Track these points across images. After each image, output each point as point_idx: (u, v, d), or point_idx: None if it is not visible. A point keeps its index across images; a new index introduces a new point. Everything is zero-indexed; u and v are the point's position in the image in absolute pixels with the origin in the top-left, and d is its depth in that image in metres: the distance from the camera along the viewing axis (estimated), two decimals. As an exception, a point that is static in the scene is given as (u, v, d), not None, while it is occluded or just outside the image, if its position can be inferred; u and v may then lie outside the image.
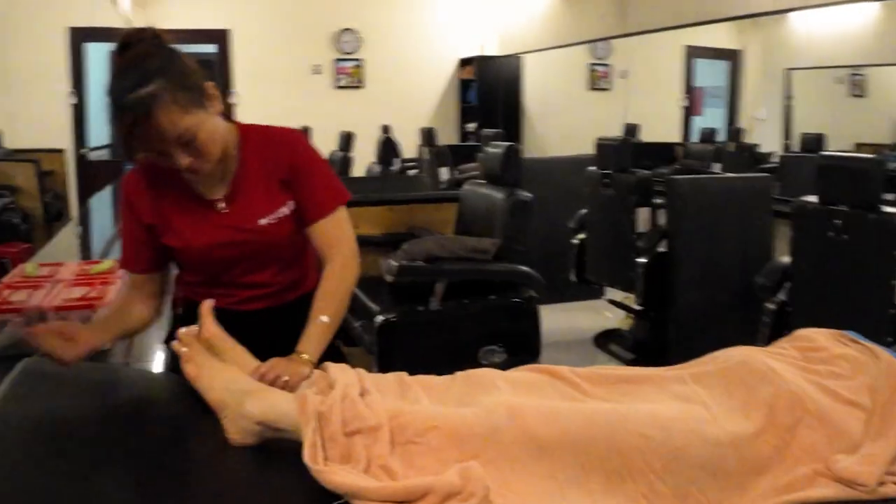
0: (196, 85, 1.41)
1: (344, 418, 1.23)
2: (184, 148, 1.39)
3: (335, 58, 7.89)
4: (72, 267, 2.41)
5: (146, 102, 1.32)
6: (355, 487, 1.11)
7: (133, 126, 1.33)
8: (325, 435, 1.21)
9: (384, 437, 1.21)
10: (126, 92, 1.32)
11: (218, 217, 1.55)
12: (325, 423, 1.23)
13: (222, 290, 1.60)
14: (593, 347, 4.31)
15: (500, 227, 2.93)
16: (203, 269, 1.62)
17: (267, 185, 1.57)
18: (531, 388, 1.38)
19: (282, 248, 1.62)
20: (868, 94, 4.85)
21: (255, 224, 1.55)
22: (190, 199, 1.55)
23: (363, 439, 1.21)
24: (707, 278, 3.58)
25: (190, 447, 1.34)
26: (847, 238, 2.60)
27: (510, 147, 3.07)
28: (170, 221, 1.55)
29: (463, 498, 1.09)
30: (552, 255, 4.40)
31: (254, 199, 1.56)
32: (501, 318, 2.89)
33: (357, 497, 1.11)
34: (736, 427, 1.29)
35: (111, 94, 1.35)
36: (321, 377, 1.40)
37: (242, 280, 1.63)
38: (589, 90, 7.35)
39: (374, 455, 1.19)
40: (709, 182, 3.90)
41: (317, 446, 1.19)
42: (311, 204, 1.58)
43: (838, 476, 1.23)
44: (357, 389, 1.31)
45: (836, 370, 1.44)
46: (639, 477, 1.21)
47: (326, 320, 1.53)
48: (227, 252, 1.57)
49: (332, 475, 1.13)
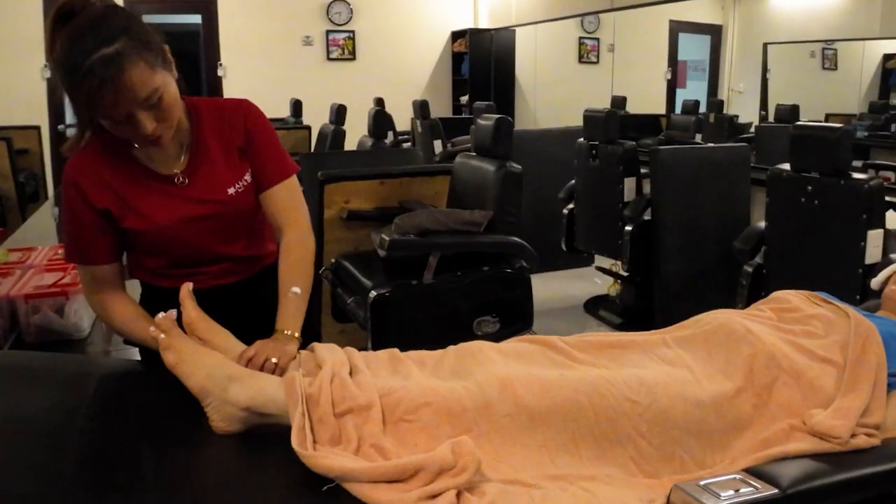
0: (158, 45, 1.32)
1: (333, 399, 1.21)
2: (150, 111, 1.30)
3: (326, 29, 7.70)
4: (44, 252, 2.27)
5: (116, 61, 1.22)
6: (345, 469, 1.09)
7: (100, 89, 1.22)
8: (314, 417, 1.19)
9: (376, 415, 1.20)
10: (90, 53, 1.21)
11: (179, 191, 1.46)
12: (314, 406, 1.20)
13: (188, 271, 1.50)
14: (583, 313, 4.37)
15: (492, 199, 2.91)
16: (168, 251, 1.51)
17: (227, 154, 1.50)
18: (521, 358, 1.39)
19: (249, 217, 1.55)
20: (838, 67, 4.93)
21: (225, 194, 1.49)
22: (145, 176, 1.45)
23: (354, 419, 1.20)
24: (689, 244, 3.64)
25: (172, 438, 1.26)
26: (818, 203, 2.65)
27: (501, 119, 3.03)
28: (128, 203, 1.43)
29: (455, 473, 1.08)
30: (543, 226, 4.44)
31: (217, 170, 1.49)
32: (494, 289, 2.84)
33: (348, 479, 1.09)
34: (717, 387, 1.34)
35: (69, 60, 1.23)
36: (309, 358, 1.36)
37: (210, 257, 1.54)
38: (578, 63, 7.30)
39: (365, 434, 1.18)
40: (690, 152, 3.92)
41: (305, 430, 1.16)
42: (268, 170, 1.53)
43: (813, 430, 1.29)
44: (346, 368, 1.29)
45: (810, 329, 1.51)
46: (626, 441, 1.25)
47: (299, 291, 1.48)
48: (195, 227, 1.48)
49: (322, 459, 1.11)
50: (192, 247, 1.50)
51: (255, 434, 1.25)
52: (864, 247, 2.49)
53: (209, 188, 1.48)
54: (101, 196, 1.42)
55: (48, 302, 1.88)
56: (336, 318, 3.20)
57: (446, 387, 1.26)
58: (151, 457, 1.20)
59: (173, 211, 1.45)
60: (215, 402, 1.25)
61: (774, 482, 1.17)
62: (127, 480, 1.11)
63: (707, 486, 1.15)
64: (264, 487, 1.13)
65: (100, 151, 1.42)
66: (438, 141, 5.86)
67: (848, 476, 1.23)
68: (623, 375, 1.32)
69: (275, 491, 1.13)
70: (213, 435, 1.25)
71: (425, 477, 1.09)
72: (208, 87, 7.41)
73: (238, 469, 1.23)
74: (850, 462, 1.26)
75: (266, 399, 1.24)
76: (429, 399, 1.22)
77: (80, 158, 1.42)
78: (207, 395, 1.26)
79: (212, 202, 1.48)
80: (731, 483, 1.17)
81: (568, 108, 5.92)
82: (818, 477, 1.20)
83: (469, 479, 1.09)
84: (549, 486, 1.16)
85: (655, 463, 1.26)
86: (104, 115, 1.28)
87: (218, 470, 1.24)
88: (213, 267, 1.55)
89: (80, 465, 1.17)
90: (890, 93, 4.51)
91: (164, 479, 1.14)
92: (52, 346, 1.87)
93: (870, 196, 2.50)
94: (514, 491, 1.13)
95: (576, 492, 1.16)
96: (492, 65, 7.83)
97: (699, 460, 1.29)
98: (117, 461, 1.16)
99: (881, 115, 4.49)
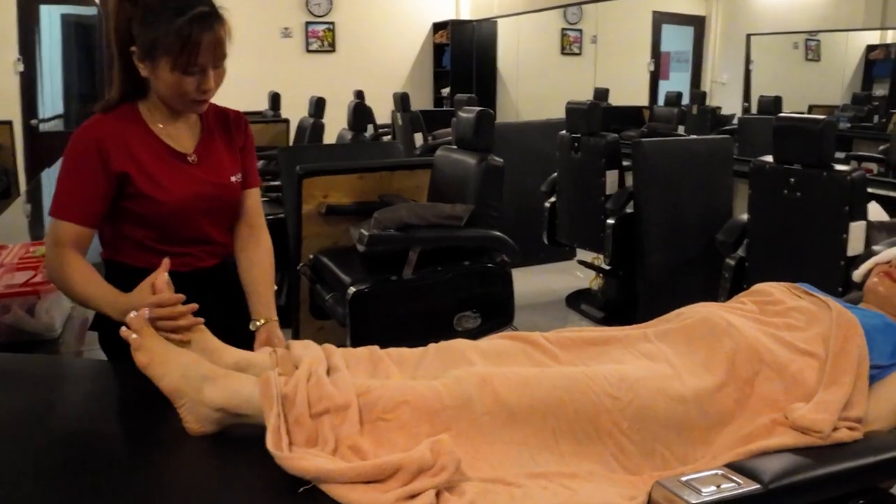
0: None
1: (310, 399, 1.19)
2: (215, 71, 1.49)
3: (306, 20, 7.66)
4: (15, 250, 2.23)
5: (217, 15, 1.46)
6: (322, 471, 1.08)
7: (203, 31, 1.42)
8: (290, 418, 1.17)
9: (353, 415, 1.18)
10: (196, 3, 1.43)
11: (191, 169, 1.58)
12: (290, 406, 1.18)
13: (175, 249, 1.57)
14: (565, 308, 4.37)
15: (473, 192, 2.90)
16: (167, 224, 1.57)
17: (230, 149, 1.67)
18: (502, 357, 1.39)
19: (238, 208, 1.70)
20: (821, 59, 4.95)
21: (228, 180, 1.63)
22: (164, 151, 1.56)
23: (331, 419, 1.18)
24: (672, 237, 3.64)
25: (146, 440, 1.25)
26: (800, 195, 2.66)
27: (482, 112, 3.01)
28: (147, 171, 1.52)
29: (434, 472, 1.08)
30: (525, 219, 4.44)
31: (223, 159, 1.64)
32: (475, 284, 2.83)
33: (325, 480, 1.08)
34: (699, 382, 1.34)
35: (178, 1, 1.42)
36: (285, 356, 1.35)
37: (199, 236, 1.63)
38: (561, 55, 7.31)
39: (342, 435, 1.17)
40: (673, 144, 3.93)
41: (281, 431, 1.14)
42: (251, 174, 1.73)
43: (795, 424, 1.29)
44: (324, 367, 1.27)
45: (792, 322, 1.51)
46: (607, 438, 1.25)
47: (275, 288, 1.67)
48: (200, 205, 1.59)
49: (298, 461, 1.09)
50: (191, 224, 1.59)
51: (231, 435, 1.24)
52: (846, 238, 2.50)
53: (216, 172, 1.62)
54: (124, 161, 1.50)
55: (18, 301, 1.84)
56: (314, 315, 3.17)
57: (425, 384, 1.25)
58: (125, 459, 1.19)
59: (187, 186, 1.56)
60: (189, 403, 1.23)
61: (756, 477, 1.17)
62: (100, 484, 1.09)
63: (688, 482, 1.16)
64: (240, 489, 1.12)
65: (124, 120, 1.53)
66: (419, 134, 5.84)
67: (830, 470, 1.23)
68: (604, 371, 1.32)
69: (251, 493, 1.12)
70: (187, 436, 1.23)
71: (404, 477, 1.08)
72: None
73: (213, 471, 1.21)
74: (832, 456, 1.26)
75: (241, 400, 1.22)
76: (407, 397, 1.21)
77: (104, 123, 1.52)
78: (181, 396, 1.24)
79: (218, 185, 1.61)
80: (712, 479, 1.17)
81: (550, 100, 5.92)
82: (800, 471, 1.20)
83: (448, 478, 1.08)
84: (530, 485, 1.15)
85: (636, 459, 1.26)
86: (188, 60, 1.43)
87: (192, 472, 1.22)
88: (196, 248, 1.63)
89: (51, 468, 1.14)
90: (873, 84, 4.53)
91: (139, 482, 1.12)
92: (23, 346, 1.83)
93: (852, 188, 2.50)
94: (495, 489, 1.12)
95: (556, 489, 1.15)
96: (473, 56, 7.82)
97: (681, 456, 1.29)
98: (90, 464, 1.15)
99: (864, 107, 4.52)
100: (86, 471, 1.13)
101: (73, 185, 1.50)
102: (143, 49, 1.45)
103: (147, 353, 1.27)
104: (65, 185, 1.50)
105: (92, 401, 1.40)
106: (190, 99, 1.50)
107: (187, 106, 1.54)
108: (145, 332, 1.30)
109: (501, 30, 7.80)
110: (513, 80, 7.83)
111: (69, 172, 1.50)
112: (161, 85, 1.49)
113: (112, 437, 1.24)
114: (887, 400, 1.40)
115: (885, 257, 1.75)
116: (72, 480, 1.11)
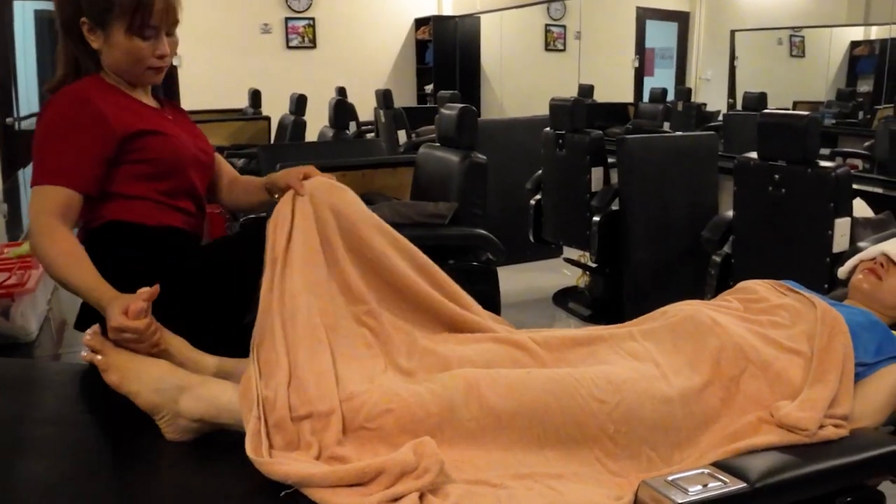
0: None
1: (290, 403, 1.17)
2: (168, 38, 1.51)
3: (286, 16, 7.60)
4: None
5: None
6: (303, 475, 1.08)
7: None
8: (270, 421, 1.16)
9: (335, 423, 1.17)
10: None
11: (174, 126, 1.59)
12: (270, 409, 1.17)
13: (173, 202, 1.57)
14: (552, 306, 4.36)
15: (457, 190, 2.90)
16: (171, 177, 1.56)
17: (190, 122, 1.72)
18: (489, 363, 1.36)
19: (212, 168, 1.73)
20: (806, 55, 4.97)
21: (203, 136, 1.70)
22: (150, 110, 1.58)
23: (312, 424, 1.17)
24: (658, 234, 3.64)
25: (125, 446, 1.24)
26: (785, 192, 2.65)
27: (465, 109, 3.01)
28: (150, 126, 1.52)
29: (418, 475, 1.07)
30: (510, 217, 4.43)
31: (189, 124, 1.69)
32: (460, 283, 2.73)
33: (306, 485, 1.07)
34: (684, 382, 1.34)
35: None
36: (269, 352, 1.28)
37: (191, 191, 1.62)
38: (545, 51, 7.31)
39: (325, 442, 1.15)
40: (657, 141, 3.93)
41: (261, 435, 1.13)
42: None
43: (780, 422, 1.29)
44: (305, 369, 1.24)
45: (777, 320, 1.51)
46: (593, 442, 1.25)
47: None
48: (192, 156, 1.61)
49: (278, 466, 1.08)
50: (187, 176, 1.59)
51: (211, 440, 1.24)
52: (831, 235, 2.50)
53: (191, 130, 1.66)
54: (130, 119, 1.48)
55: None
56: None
57: (410, 390, 1.23)
58: (104, 465, 1.19)
59: (183, 137, 1.59)
60: (167, 416, 1.23)
61: (742, 476, 1.18)
62: (78, 490, 1.09)
63: (675, 481, 1.16)
64: (221, 495, 1.12)
65: (100, 87, 1.50)
66: (402, 131, 5.82)
67: (816, 468, 1.23)
68: (590, 373, 1.32)
69: (232, 498, 1.11)
70: (166, 442, 1.23)
71: (387, 480, 1.08)
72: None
73: (194, 476, 1.22)
74: (819, 454, 1.26)
75: (219, 410, 1.22)
76: (391, 405, 1.19)
77: (87, 88, 1.48)
78: (158, 410, 1.23)
79: (200, 137, 1.67)
80: (699, 478, 1.18)
81: (534, 96, 5.90)
82: (786, 469, 1.21)
83: (432, 480, 1.08)
84: (515, 486, 1.15)
85: (622, 462, 1.26)
86: (143, 21, 1.43)
87: (172, 478, 1.23)
88: (191, 204, 1.62)
89: (27, 475, 1.14)
90: (857, 80, 4.55)
91: (118, 489, 1.13)
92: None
93: (837, 184, 2.50)
94: (480, 491, 1.12)
95: (542, 490, 1.15)
96: (457, 53, 7.81)
97: (666, 457, 1.29)
98: (67, 471, 1.15)
99: (848, 103, 4.54)
100: (64, 476, 1.13)
101: (68, 149, 1.42)
102: (95, 16, 1.43)
103: (116, 371, 1.26)
104: (56, 149, 1.42)
105: (68, 405, 1.39)
106: (146, 66, 1.49)
107: (144, 75, 1.52)
108: (107, 349, 1.27)
109: (484, 26, 7.79)
110: (496, 77, 7.82)
111: (61, 137, 1.43)
112: (116, 53, 1.47)
113: (92, 441, 1.24)
114: (873, 397, 1.41)
115: (870, 254, 1.75)
116: (49, 485, 1.10)
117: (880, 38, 4.39)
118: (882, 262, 1.70)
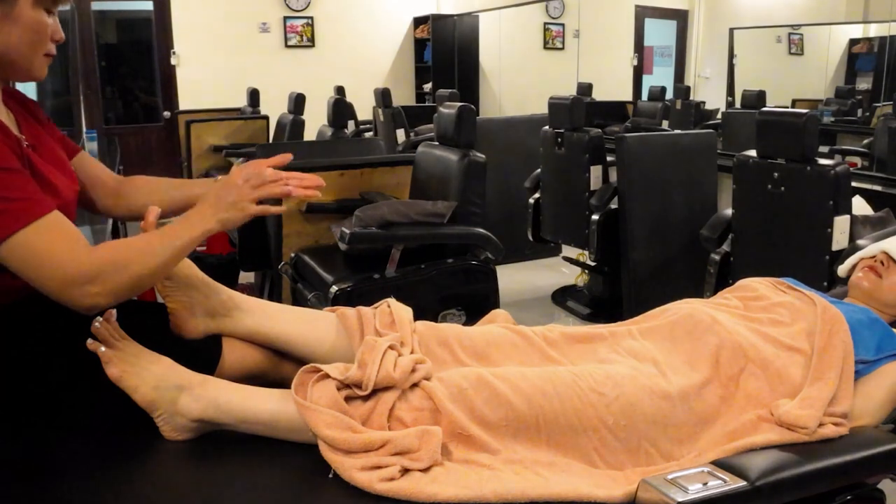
0: None
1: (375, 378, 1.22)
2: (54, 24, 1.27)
3: (284, 15, 7.56)
4: None
5: None
6: (318, 433, 1.15)
7: None
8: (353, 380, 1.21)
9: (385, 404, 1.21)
10: None
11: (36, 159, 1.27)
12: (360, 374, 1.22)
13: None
14: (551, 304, 4.36)
15: (456, 189, 2.89)
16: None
17: (47, 127, 1.41)
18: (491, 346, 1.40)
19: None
20: (805, 52, 4.97)
21: (70, 170, 1.39)
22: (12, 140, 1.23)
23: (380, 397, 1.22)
24: (657, 232, 3.64)
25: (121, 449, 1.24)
26: (784, 190, 2.65)
27: (463, 108, 3.00)
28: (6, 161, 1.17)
29: (415, 458, 1.14)
30: (510, 216, 4.44)
31: (50, 144, 1.38)
32: (460, 282, 2.83)
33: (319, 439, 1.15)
34: (684, 380, 1.34)
35: None
36: (384, 314, 1.40)
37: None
38: (543, 49, 7.30)
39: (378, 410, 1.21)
40: (656, 139, 3.92)
41: (326, 385, 1.19)
42: (67, 142, 1.48)
43: (780, 420, 1.30)
44: (408, 348, 1.32)
45: (776, 318, 1.51)
46: (592, 432, 1.25)
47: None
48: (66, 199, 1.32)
49: (311, 412, 1.15)
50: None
51: (211, 440, 1.24)
52: (830, 233, 2.50)
53: (58, 160, 1.35)
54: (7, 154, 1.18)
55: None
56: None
57: None
58: (101, 465, 1.18)
59: (56, 175, 1.31)
60: (165, 415, 1.24)
61: (743, 474, 1.18)
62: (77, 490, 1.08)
63: (675, 479, 1.16)
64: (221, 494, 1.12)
65: None
66: (401, 130, 5.81)
67: (816, 466, 1.23)
68: (590, 369, 1.32)
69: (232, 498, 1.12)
70: (165, 441, 1.23)
71: (389, 448, 1.14)
72: (161, 76, 7.24)
73: (194, 476, 1.21)
74: (819, 452, 1.26)
75: (218, 410, 1.23)
76: None
77: None
78: (156, 408, 1.24)
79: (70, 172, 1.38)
80: (699, 476, 1.18)
81: (533, 95, 5.90)
82: (786, 468, 1.21)
83: (423, 467, 1.13)
84: (503, 469, 1.17)
85: (620, 455, 1.26)
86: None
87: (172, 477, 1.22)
88: None
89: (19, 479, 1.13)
90: (856, 78, 4.55)
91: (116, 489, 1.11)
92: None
93: (836, 182, 2.50)
94: (463, 470, 1.15)
95: (529, 476, 1.16)
96: (455, 51, 7.80)
97: (665, 453, 1.29)
98: (66, 470, 1.14)
99: (847, 101, 4.53)
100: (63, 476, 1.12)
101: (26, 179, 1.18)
102: None
103: (118, 365, 1.23)
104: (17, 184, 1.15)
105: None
106: (44, 51, 1.25)
107: (38, 61, 1.26)
108: (114, 342, 1.25)
109: (483, 24, 7.78)
110: (495, 76, 7.81)
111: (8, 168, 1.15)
112: (19, 30, 1.20)
113: (89, 439, 1.23)
114: (873, 395, 1.41)
115: (870, 252, 1.75)
116: (47, 486, 1.10)
117: (879, 36, 4.39)
118: (882, 259, 1.70)
